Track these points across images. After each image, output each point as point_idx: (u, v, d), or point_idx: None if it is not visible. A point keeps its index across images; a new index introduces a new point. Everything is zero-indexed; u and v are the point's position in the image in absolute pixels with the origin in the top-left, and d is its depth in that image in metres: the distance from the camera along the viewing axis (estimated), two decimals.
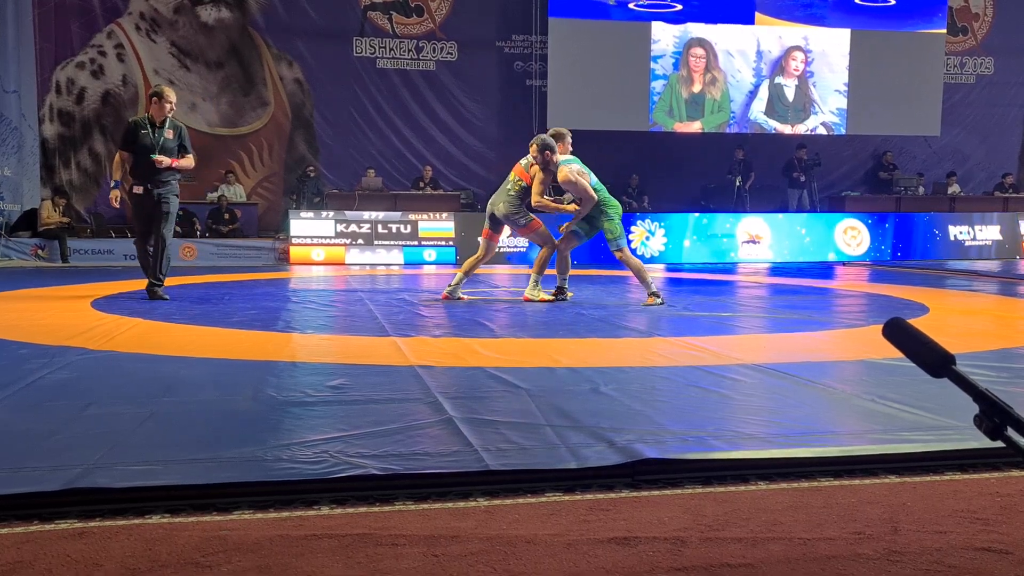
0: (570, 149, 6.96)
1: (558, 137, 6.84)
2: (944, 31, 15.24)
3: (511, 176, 6.95)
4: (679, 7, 14.43)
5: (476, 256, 7.16)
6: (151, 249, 7.00)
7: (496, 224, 7.03)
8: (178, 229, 12.56)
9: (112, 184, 7.15)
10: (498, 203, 6.90)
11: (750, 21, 14.61)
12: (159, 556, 1.87)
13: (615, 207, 6.77)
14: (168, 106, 6.93)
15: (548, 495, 2.28)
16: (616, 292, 7.75)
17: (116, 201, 7.17)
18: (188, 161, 7.14)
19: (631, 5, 14.32)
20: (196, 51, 13.92)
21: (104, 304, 6.64)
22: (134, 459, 2.45)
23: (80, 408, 3.08)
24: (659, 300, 6.52)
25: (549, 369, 3.91)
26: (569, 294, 7.01)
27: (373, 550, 1.91)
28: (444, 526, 2.06)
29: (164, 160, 6.86)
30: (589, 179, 6.71)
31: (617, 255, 6.78)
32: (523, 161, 6.89)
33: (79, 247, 12.04)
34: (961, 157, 16.28)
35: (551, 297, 6.84)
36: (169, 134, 6.95)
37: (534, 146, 6.65)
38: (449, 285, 7.10)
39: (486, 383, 3.59)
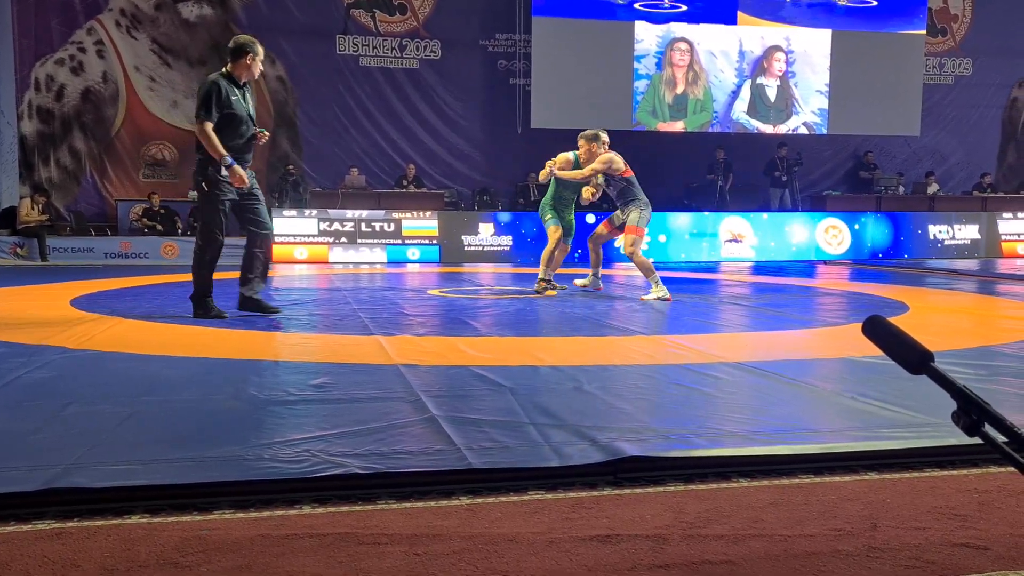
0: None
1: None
2: (924, 32, 15.36)
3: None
4: (682, 7, 14.43)
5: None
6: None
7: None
8: (159, 228, 12.52)
9: (228, 162, 5.35)
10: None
11: (732, 21, 14.67)
12: (138, 556, 1.86)
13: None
14: (260, 67, 5.65)
15: (531, 493, 2.28)
16: (601, 290, 7.75)
17: (246, 179, 5.42)
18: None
19: (635, 4, 14.31)
20: (178, 48, 13.82)
21: (84, 303, 6.58)
22: (114, 459, 2.43)
23: (59, 407, 3.05)
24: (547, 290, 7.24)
25: (532, 367, 3.91)
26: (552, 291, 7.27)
27: (355, 549, 1.90)
28: (426, 525, 2.05)
29: (266, 135, 5.72)
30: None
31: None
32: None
33: (59, 245, 11.94)
34: (940, 157, 16.44)
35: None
36: (250, 101, 5.67)
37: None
38: (650, 291, 7.03)
39: (469, 382, 3.59)
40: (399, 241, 12.28)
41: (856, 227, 13.53)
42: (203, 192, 5.49)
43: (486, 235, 12.54)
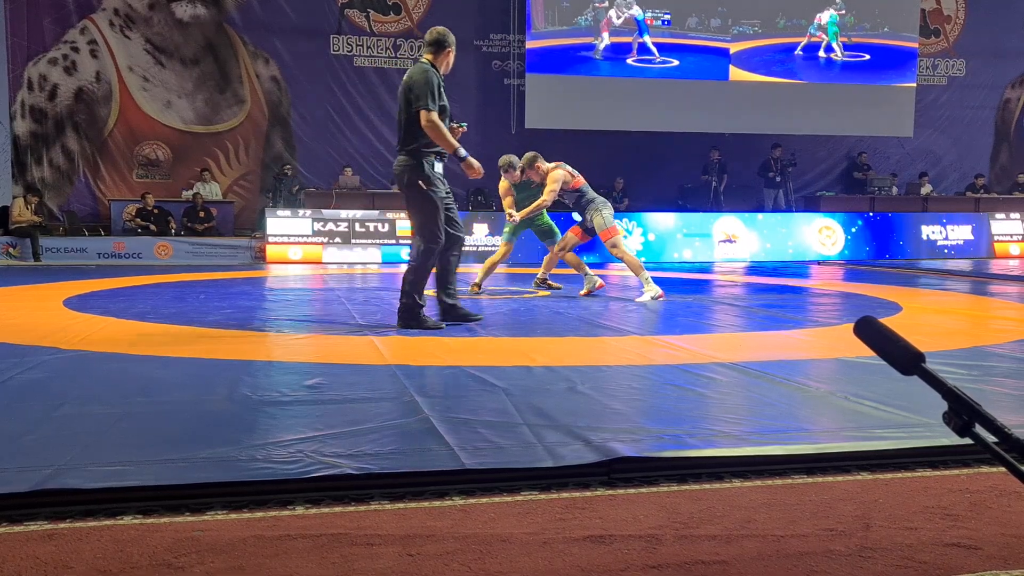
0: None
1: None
2: (914, 84, 15.43)
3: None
4: (673, 62, 14.42)
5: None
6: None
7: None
8: (153, 228, 12.49)
9: (463, 154, 5.20)
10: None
11: (725, 77, 14.69)
12: (131, 558, 1.85)
13: None
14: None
15: (524, 494, 2.28)
16: (604, 287, 7.76)
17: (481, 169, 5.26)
18: None
19: (628, 60, 14.32)
20: (171, 48, 13.79)
21: (77, 303, 6.56)
22: (106, 460, 2.42)
23: (52, 408, 3.04)
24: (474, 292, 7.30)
25: (526, 368, 3.91)
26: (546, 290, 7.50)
27: (348, 550, 1.90)
28: (420, 525, 2.05)
29: (465, 128, 5.43)
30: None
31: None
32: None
33: (51, 245, 11.90)
34: (934, 158, 16.49)
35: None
36: None
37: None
38: (643, 291, 7.03)
39: (463, 382, 3.59)
40: (393, 241, 12.27)
41: (851, 228, 13.56)
42: (419, 192, 5.09)
43: (480, 235, 12.54)
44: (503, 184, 7.47)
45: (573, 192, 7.05)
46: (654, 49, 14.34)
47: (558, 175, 6.97)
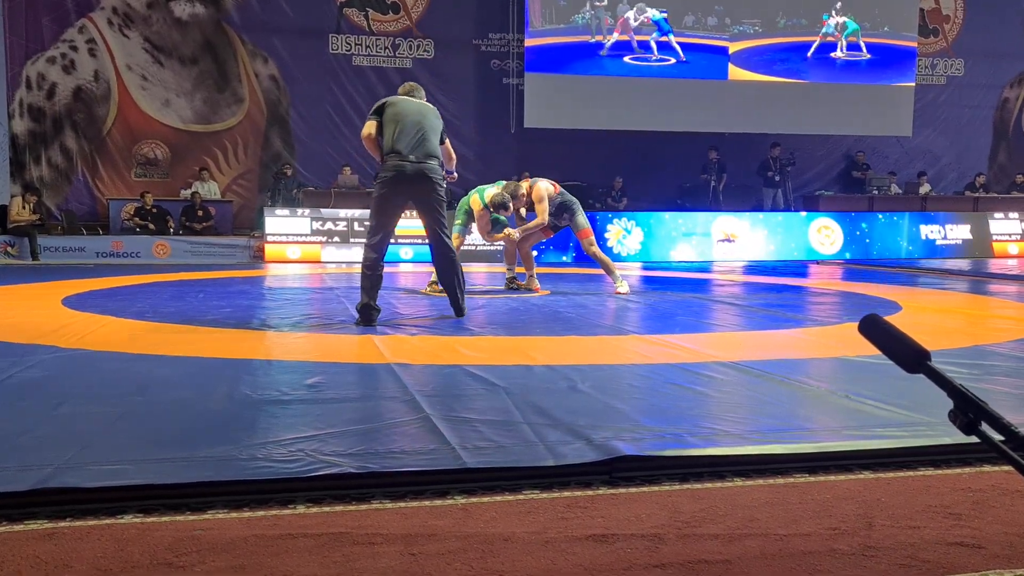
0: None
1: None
2: (913, 84, 15.41)
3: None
4: (671, 60, 14.37)
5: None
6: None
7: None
8: (151, 227, 12.47)
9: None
10: None
11: (724, 76, 14.65)
12: (131, 556, 1.85)
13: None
14: None
15: (526, 493, 2.28)
16: (593, 290, 7.76)
17: None
18: None
19: (625, 58, 14.29)
20: (170, 47, 13.77)
21: (75, 302, 6.55)
22: (106, 459, 2.41)
23: (51, 407, 3.04)
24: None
25: (526, 367, 3.90)
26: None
27: (349, 549, 1.90)
28: (421, 524, 2.05)
29: None
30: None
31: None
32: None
33: (50, 244, 11.88)
34: (932, 157, 16.48)
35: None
36: None
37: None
38: (616, 286, 7.32)
39: (463, 381, 3.59)
40: (392, 240, 12.24)
41: (850, 227, 13.56)
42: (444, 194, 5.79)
43: (479, 234, 12.51)
44: (483, 215, 7.61)
45: (555, 196, 7.34)
46: (678, 48, 14.32)
47: (542, 192, 7.23)
